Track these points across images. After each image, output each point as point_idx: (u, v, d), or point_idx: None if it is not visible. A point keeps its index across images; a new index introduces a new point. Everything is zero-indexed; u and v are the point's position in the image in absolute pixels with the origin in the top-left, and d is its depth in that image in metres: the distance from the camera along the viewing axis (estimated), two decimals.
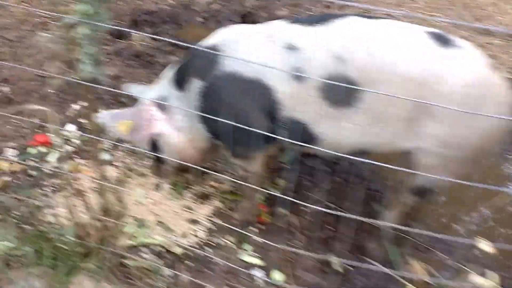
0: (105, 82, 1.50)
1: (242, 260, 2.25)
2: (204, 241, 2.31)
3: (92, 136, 1.75)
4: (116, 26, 3.53)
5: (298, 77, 1.93)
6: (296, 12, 3.99)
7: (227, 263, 2.14)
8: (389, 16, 3.96)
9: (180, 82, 2.22)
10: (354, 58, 1.89)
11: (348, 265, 2.30)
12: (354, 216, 1.57)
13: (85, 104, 2.91)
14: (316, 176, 2.71)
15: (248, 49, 2.04)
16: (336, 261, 2.31)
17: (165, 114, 2.27)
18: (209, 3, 3.97)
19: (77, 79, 1.52)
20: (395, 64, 1.87)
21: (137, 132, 2.30)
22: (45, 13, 3.52)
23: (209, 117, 1.97)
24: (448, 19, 3.83)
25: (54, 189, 2.47)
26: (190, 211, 2.44)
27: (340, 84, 1.83)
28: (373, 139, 2.01)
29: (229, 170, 2.69)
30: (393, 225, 1.85)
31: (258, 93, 2.01)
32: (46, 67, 1.45)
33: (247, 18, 3.88)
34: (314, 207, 1.67)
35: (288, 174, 2.67)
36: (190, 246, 2.27)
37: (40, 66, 3.15)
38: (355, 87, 1.85)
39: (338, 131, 2.00)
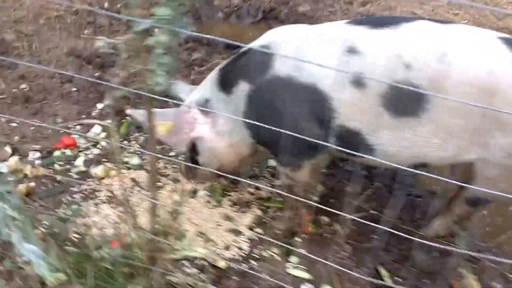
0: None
1: (290, 274, 2.04)
2: (248, 253, 2.10)
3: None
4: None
5: (359, 84, 1.72)
6: (317, 8, 3.76)
7: (275, 280, 1.93)
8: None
9: (225, 84, 2.00)
10: (423, 66, 1.68)
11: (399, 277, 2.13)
12: (403, 234, 1.38)
13: (109, 103, 2.72)
14: (356, 181, 2.51)
15: (303, 51, 1.82)
16: (386, 275, 2.13)
17: (207, 117, 2.06)
18: None
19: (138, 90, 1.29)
20: (466, 73, 1.67)
21: (176, 134, 2.08)
22: (62, 6, 3.26)
23: (256, 123, 1.78)
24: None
25: (85, 195, 2.23)
26: (230, 220, 2.21)
27: (410, 88, 1.64)
28: (436, 152, 1.81)
29: (266, 176, 2.49)
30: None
31: (312, 99, 1.80)
32: (108, 75, 1.27)
33: (269, 14, 3.66)
34: (365, 221, 1.46)
35: (328, 180, 2.48)
36: (234, 259, 2.05)
37: (58, 61, 2.89)
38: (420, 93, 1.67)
39: (397, 142, 1.80)
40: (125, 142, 2.53)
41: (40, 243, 1.44)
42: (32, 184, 2.24)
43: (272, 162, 2.55)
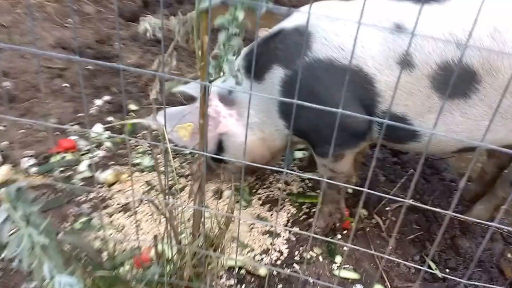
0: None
1: (337, 275, 1.80)
2: (288, 256, 1.84)
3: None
4: (127, 8, 2.94)
5: (407, 65, 1.50)
6: None
7: (322, 282, 1.69)
8: None
9: (254, 70, 1.73)
10: (475, 43, 1.47)
11: (449, 267, 1.92)
12: (450, 213, 1.16)
13: (110, 98, 2.39)
14: (388, 168, 2.29)
15: (345, 30, 1.58)
16: (435, 267, 1.92)
17: (232, 110, 1.79)
18: None
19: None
20: None
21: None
22: None
23: (293, 112, 1.55)
24: None
25: (94, 205, 1.91)
26: (264, 221, 1.95)
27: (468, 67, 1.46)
28: (486, 135, 1.60)
29: (295, 169, 2.23)
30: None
31: (355, 83, 1.57)
32: (154, 65, 1.00)
33: None
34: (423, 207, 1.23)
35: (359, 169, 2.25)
36: (275, 264, 1.80)
37: (44, 55, 2.52)
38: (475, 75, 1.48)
39: (446, 126, 1.59)
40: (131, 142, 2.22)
41: (75, 273, 1.14)
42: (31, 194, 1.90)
43: (299, 154, 2.30)
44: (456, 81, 1.51)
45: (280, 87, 1.66)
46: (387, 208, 2.09)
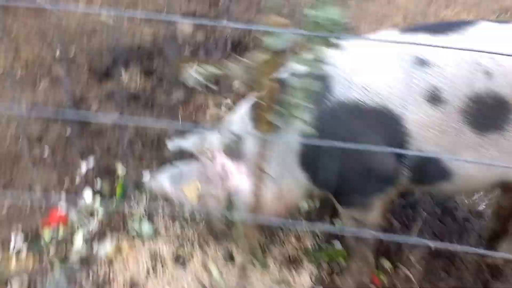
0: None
1: None
2: None
3: None
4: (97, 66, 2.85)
5: (436, 100, 1.48)
6: None
7: None
8: None
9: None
10: (504, 71, 1.47)
11: None
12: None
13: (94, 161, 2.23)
14: (399, 213, 2.23)
15: (367, 69, 1.55)
16: None
17: (240, 163, 1.68)
18: (193, 34, 3.39)
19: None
20: None
21: (209, 195, 1.69)
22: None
23: (317, 163, 1.57)
24: None
25: (97, 284, 1.72)
26: (287, 284, 1.82)
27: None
28: None
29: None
30: None
31: (383, 125, 1.53)
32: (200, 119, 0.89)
33: (238, 46, 3.36)
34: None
35: None
36: None
37: (20, 120, 2.36)
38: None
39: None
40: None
41: None
42: (24, 279, 1.70)
43: (305, 205, 2.19)
44: (489, 113, 1.49)
45: (300, 136, 1.58)
46: (411, 257, 2.00)
